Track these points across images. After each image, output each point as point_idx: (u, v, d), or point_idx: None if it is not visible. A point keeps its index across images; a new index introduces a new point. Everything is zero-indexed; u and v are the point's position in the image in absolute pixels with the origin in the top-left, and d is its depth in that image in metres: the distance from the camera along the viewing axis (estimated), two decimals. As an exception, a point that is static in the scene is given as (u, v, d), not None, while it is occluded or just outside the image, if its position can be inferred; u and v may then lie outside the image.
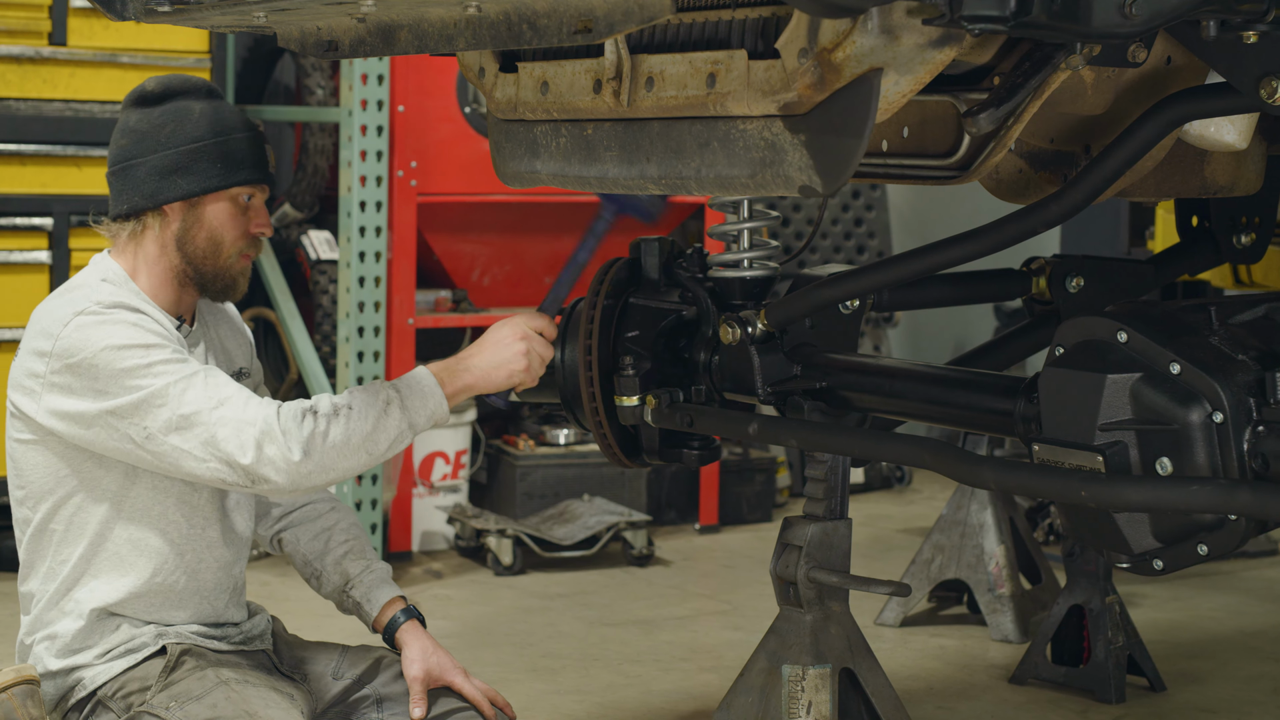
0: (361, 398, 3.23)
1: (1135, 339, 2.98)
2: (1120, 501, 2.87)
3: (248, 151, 3.41)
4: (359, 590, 3.60)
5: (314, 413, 3.20)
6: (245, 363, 3.64)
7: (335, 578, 3.62)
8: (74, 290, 3.36)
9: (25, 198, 5.97)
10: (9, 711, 3.24)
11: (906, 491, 7.90)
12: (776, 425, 3.57)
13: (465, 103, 6.38)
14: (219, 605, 3.47)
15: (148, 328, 3.26)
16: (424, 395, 3.28)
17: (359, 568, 3.62)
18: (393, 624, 3.56)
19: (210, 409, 3.19)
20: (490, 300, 6.74)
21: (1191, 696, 5.02)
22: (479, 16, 2.93)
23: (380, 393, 3.25)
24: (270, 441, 3.16)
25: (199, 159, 3.37)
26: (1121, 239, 6.95)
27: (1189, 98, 3.05)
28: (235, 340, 3.63)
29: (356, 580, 3.60)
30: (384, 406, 3.24)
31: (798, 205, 8.22)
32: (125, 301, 3.29)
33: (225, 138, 3.39)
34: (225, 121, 3.41)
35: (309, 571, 3.67)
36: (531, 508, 6.64)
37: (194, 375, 3.22)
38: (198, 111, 3.40)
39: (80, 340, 3.23)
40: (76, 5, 6.00)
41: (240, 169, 3.40)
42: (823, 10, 2.45)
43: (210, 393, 3.20)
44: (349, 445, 3.21)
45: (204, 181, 3.37)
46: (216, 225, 3.39)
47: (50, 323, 3.29)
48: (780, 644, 3.74)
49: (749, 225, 3.82)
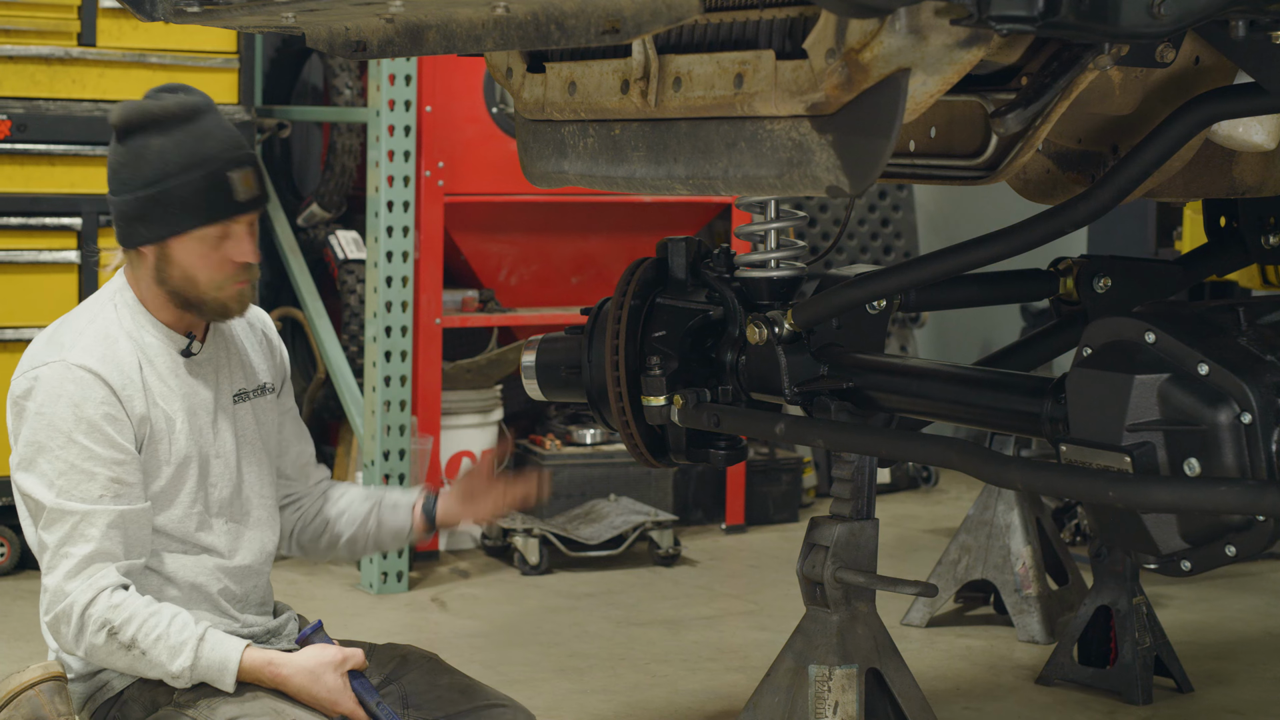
0: (160, 649, 3.22)
1: (1163, 339, 2.98)
2: (1148, 502, 2.87)
3: (202, 190, 3.29)
4: (391, 495, 3.72)
5: (112, 634, 3.22)
6: (270, 378, 3.62)
7: (365, 505, 3.72)
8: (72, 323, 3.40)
9: (54, 197, 5.99)
10: (37, 708, 3.26)
11: (933, 492, 7.89)
12: (803, 425, 3.57)
13: (492, 103, 6.39)
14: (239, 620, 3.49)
15: (88, 416, 3.27)
16: (214, 679, 3.27)
17: (386, 491, 3.75)
18: (429, 501, 3.71)
19: (56, 547, 3.26)
20: (517, 300, 6.74)
21: (1219, 698, 5.01)
22: (507, 17, 2.94)
23: (181, 654, 3.23)
24: (65, 622, 3.24)
25: (151, 206, 3.30)
26: (1149, 239, 6.94)
27: (1217, 98, 3.04)
28: (260, 354, 3.62)
29: (387, 493, 3.73)
30: (169, 667, 3.23)
31: (824, 206, 8.21)
32: (101, 358, 3.31)
33: (178, 181, 3.29)
34: (181, 159, 3.29)
35: (340, 521, 3.73)
36: (558, 507, 6.64)
37: (70, 514, 3.25)
38: (154, 150, 3.30)
39: (39, 394, 3.31)
40: (106, 6, 6.02)
41: (191, 213, 3.30)
42: (850, 10, 2.45)
43: (68, 536, 3.24)
44: (119, 665, 3.27)
45: (157, 230, 3.32)
46: (186, 264, 3.34)
47: (31, 357, 3.37)
48: (807, 644, 3.74)
49: (776, 225, 3.82)
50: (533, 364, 4.10)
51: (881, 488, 7.70)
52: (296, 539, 3.74)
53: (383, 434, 6.00)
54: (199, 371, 3.45)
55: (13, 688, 3.27)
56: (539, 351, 4.09)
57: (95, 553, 3.24)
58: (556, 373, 4.05)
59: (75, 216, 6.00)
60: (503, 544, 6.41)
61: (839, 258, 8.29)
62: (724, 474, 6.98)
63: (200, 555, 3.43)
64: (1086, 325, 3.14)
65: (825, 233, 8.21)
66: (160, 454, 3.38)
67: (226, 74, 6.23)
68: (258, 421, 3.56)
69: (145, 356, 3.38)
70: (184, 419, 3.40)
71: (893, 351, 7.71)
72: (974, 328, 8.49)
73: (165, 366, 3.40)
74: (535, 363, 4.09)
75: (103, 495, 3.26)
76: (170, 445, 3.38)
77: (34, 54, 5.93)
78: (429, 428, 6.29)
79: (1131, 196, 3.20)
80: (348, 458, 6.61)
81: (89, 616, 3.22)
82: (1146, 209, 6.86)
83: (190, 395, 3.42)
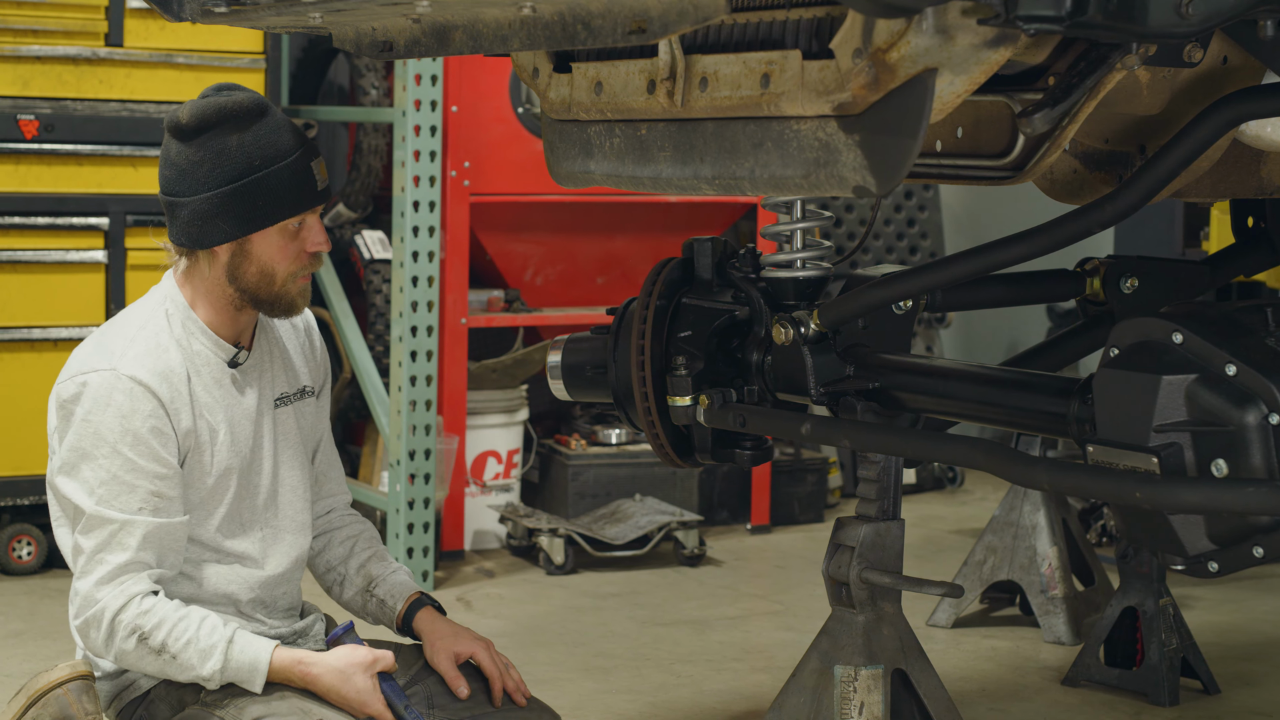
0: (190, 653, 3.23)
1: (1190, 340, 2.97)
2: (1175, 503, 2.86)
3: (289, 181, 3.31)
4: (383, 588, 3.63)
5: (143, 639, 3.24)
6: (311, 380, 3.62)
7: (359, 580, 3.66)
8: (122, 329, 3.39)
9: (82, 197, 6.01)
10: (64, 707, 3.27)
11: (958, 492, 7.88)
12: (829, 426, 3.57)
13: (518, 103, 6.40)
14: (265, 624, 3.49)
15: (134, 428, 3.27)
16: (244, 680, 3.28)
17: (383, 570, 3.66)
18: (410, 612, 3.59)
19: (91, 553, 3.27)
20: (543, 300, 6.75)
21: (1246, 699, 4.99)
22: (533, 17, 2.94)
23: (211, 657, 3.24)
24: (95, 628, 3.26)
25: (237, 201, 3.30)
26: (1176, 240, 6.92)
27: (1245, 98, 3.03)
28: (303, 356, 3.62)
29: (380, 580, 3.64)
30: (200, 670, 3.24)
31: (850, 206, 8.21)
32: (152, 369, 3.31)
33: (264, 172, 3.29)
34: (264, 152, 3.30)
35: (332, 578, 3.70)
36: (583, 507, 6.65)
37: (109, 523, 3.26)
38: (234, 146, 3.30)
39: (87, 400, 3.30)
40: (133, 6, 6.03)
41: (282, 204, 3.32)
42: (877, 10, 2.45)
43: (104, 543, 3.26)
44: (150, 669, 3.29)
45: (244, 225, 3.31)
46: (266, 259, 3.35)
47: (79, 360, 3.35)
48: (832, 644, 3.74)
49: (802, 225, 3.82)
50: (558, 364, 4.10)
51: (907, 488, 7.69)
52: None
53: (408, 434, 6.01)
54: (243, 379, 3.45)
55: (40, 687, 3.28)
56: (564, 351, 4.09)
57: (129, 562, 3.26)
58: (582, 372, 4.06)
59: (102, 216, 6.02)
60: (528, 544, 6.42)
61: (864, 258, 8.29)
62: (749, 474, 6.98)
63: (233, 564, 3.43)
64: (1113, 326, 3.13)
65: (851, 233, 8.20)
66: (203, 465, 3.38)
67: (253, 74, 6.24)
68: (298, 425, 3.57)
69: (193, 366, 3.38)
70: (226, 429, 3.40)
71: (918, 352, 7.70)
72: (1000, 328, 8.48)
73: (211, 376, 3.40)
74: (561, 362, 4.09)
75: (142, 508, 3.27)
76: (212, 456, 3.39)
77: (61, 54, 5.95)
78: (454, 427, 6.30)
79: (1159, 197, 3.19)
80: (373, 457, 6.63)
81: (119, 622, 3.24)
82: (1174, 209, 6.85)
83: (233, 405, 3.42)
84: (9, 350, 5.92)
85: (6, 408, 5.92)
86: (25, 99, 5.92)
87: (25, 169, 5.94)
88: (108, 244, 6.03)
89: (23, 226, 5.93)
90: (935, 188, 8.47)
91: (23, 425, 5.91)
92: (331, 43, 3.54)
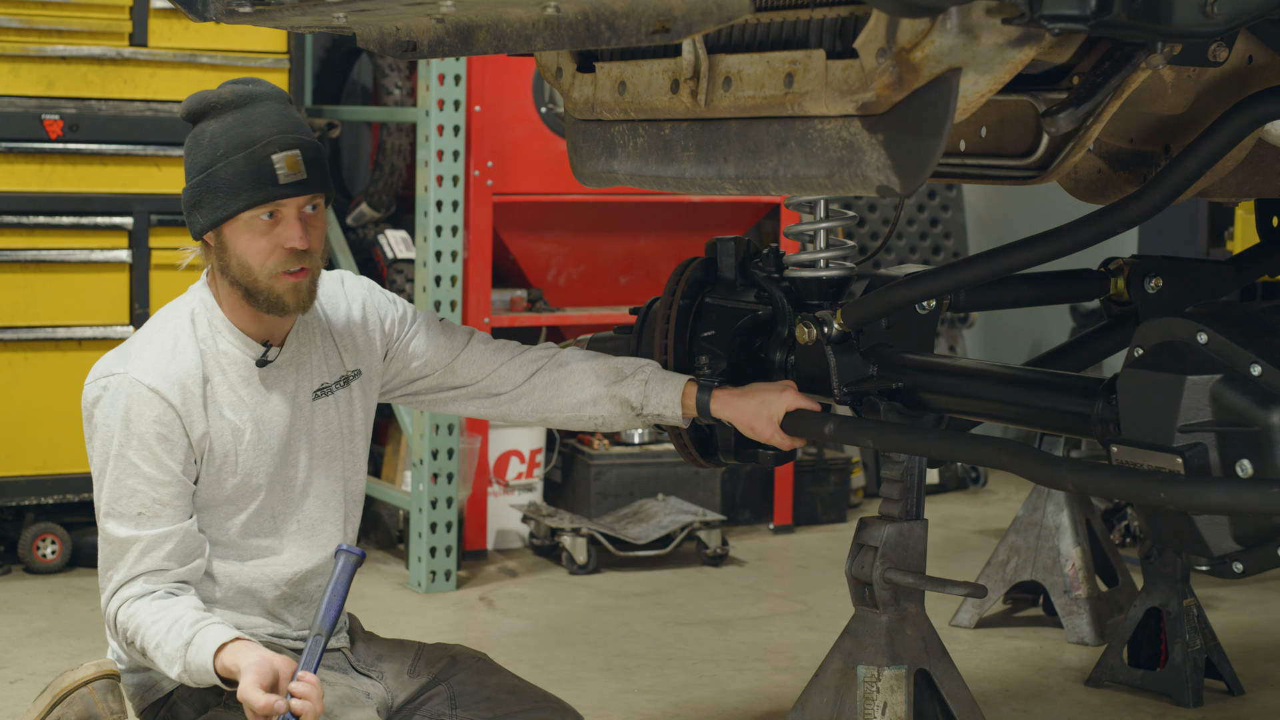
0: (159, 658, 3.23)
1: (1215, 340, 2.96)
2: (1200, 504, 2.85)
3: (245, 172, 3.26)
4: (651, 405, 3.64)
5: (130, 643, 3.28)
6: (356, 364, 3.55)
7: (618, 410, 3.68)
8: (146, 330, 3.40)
9: (106, 197, 6.03)
10: (89, 706, 3.27)
11: (981, 493, 7.87)
12: (853, 426, 3.56)
13: (541, 103, 6.40)
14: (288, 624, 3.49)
15: (139, 432, 3.29)
16: (207, 684, 3.24)
17: (631, 391, 3.66)
18: (701, 406, 3.62)
19: (102, 569, 3.33)
20: (566, 300, 6.75)
21: (1270, 700, 4.98)
22: (557, 17, 2.94)
23: (175, 664, 3.20)
24: (111, 635, 3.35)
25: (204, 191, 3.30)
26: (1200, 239, 6.90)
27: (1270, 97, 3.02)
28: (349, 336, 3.55)
29: (647, 400, 3.65)
30: (172, 675, 3.22)
31: (873, 205, 8.20)
32: (163, 373, 3.31)
33: (223, 163, 3.27)
34: (230, 143, 3.27)
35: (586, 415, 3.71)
36: (606, 507, 6.65)
37: (112, 537, 3.30)
38: (208, 136, 3.30)
39: (104, 403, 3.32)
40: (157, 6, 6.05)
41: (235, 195, 3.27)
42: (902, 10, 2.45)
43: (108, 559, 3.31)
44: (155, 669, 3.29)
45: (210, 215, 3.31)
46: (240, 252, 3.31)
47: (102, 364, 3.37)
48: (855, 645, 3.74)
49: (825, 225, 3.81)
50: (581, 363, 4.09)
51: (930, 488, 7.68)
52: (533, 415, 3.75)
53: (431, 433, 6.02)
54: (276, 377, 3.42)
55: (65, 685, 3.28)
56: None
57: (130, 575, 3.29)
58: (605, 372, 4.05)
59: (126, 216, 6.04)
60: (551, 543, 6.42)
61: (888, 257, 8.28)
62: (772, 474, 6.98)
63: (258, 562, 3.42)
64: (1138, 326, 3.13)
65: (874, 232, 8.20)
66: (226, 466, 3.36)
67: (277, 74, 6.26)
68: (339, 415, 3.51)
69: (218, 365, 3.36)
70: (252, 429, 3.38)
71: (942, 352, 7.69)
72: (1024, 328, 8.46)
73: (238, 376, 3.38)
74: (584, 362, 4.09)
75: (141, 514, 3.28)
76: (236, 457, 3.36)
77: (86, 54, 5.97)
78: (477, 427, 6.31)
79: (1183, 196, 3.19)
80: (396, 456, 6.63)
81: (117, 628, 3.30)
82: (1198, 209, 6.83)
83: (262, 404, 3.39)
84: (33, 350, 5.94)
85: (30, 407, 5.94)
86: (50, 99, 5.94)
87: (50, 169, 5.96)
88: (132, 244, 6.04)
89: (47, 226, 5.95)
90: (958, 187, 8.46)
91: (47, 425, 5.92)
92: (355, 43, 3.54)
